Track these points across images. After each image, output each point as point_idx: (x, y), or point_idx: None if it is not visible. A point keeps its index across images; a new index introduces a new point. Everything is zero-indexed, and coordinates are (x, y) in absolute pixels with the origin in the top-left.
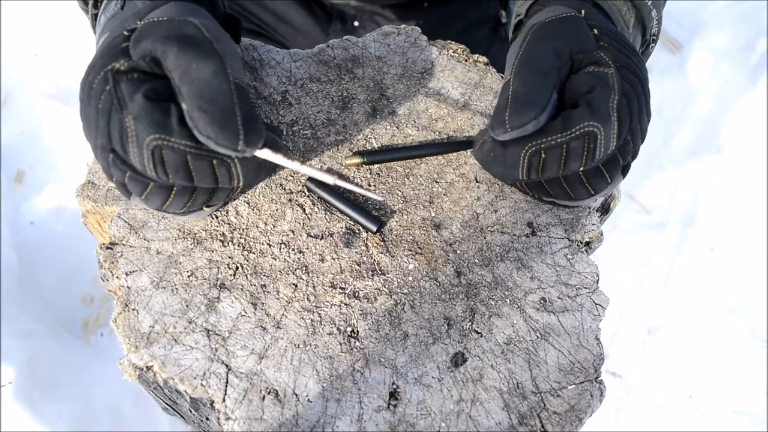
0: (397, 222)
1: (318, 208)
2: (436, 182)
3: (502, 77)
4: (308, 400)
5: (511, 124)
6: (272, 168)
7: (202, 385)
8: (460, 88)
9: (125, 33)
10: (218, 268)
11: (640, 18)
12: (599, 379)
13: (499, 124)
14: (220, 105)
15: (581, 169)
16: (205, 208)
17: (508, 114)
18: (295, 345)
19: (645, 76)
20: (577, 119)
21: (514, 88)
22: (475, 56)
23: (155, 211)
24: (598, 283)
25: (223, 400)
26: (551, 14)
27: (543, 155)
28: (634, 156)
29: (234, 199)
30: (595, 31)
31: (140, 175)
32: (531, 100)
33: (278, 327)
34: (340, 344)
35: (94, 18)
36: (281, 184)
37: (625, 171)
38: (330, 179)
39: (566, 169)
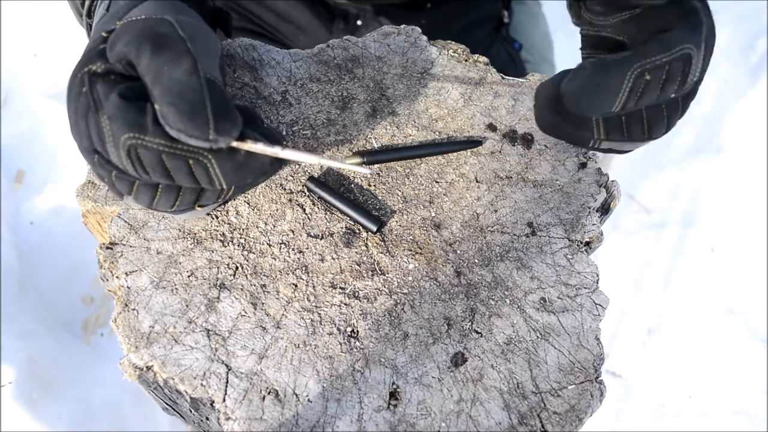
0: (397, 222)
1: (318, 208)
2: (436, 182)
3: (502, 77)
4: (308, 400)
5: None
6: (261, 171)
7: (202, 385)
8: (460, 88)
9: (103, 35)
10: (218, 268)
11: None
12: (599, 379)
13: None
14: (189, 98)
15: (673, 95)
16: (197, 208)
17: None
18: (295, 345)
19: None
20: (676, 40)
21: None
22: (475, 56)
23: (148, 209)
24: (598, 283)
25: (223, 400)
26: None
27: (647, 76)
28: (681, 113)
29: (232, 200)
30: None
31: (124, 173)
32: None
33: (278, 327)
34: (340, 344)
35: (89, 28)
36: (281, 184)
37: (669, 125)
38: (314, 159)
39: (663, 95)
